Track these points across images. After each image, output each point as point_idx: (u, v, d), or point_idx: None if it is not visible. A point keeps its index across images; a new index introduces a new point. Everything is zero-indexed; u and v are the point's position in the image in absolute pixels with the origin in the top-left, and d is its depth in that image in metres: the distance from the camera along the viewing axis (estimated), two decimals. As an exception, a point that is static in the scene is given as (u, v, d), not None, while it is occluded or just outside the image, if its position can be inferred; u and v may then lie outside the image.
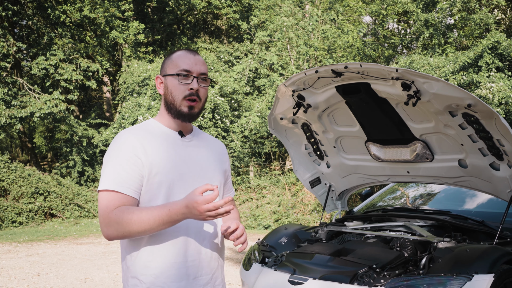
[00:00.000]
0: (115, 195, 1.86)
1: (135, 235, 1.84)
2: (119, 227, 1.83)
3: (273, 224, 12.12)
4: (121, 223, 1.82)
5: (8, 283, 6.48)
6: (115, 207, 1.85)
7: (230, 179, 2.25)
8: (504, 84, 11.29)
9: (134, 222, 1.81)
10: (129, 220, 1.81)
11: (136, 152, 1.90)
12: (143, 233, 1.84)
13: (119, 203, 1.86)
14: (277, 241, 4.09)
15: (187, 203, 1.80)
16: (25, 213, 12.66)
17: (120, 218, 1.82)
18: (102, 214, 1.86)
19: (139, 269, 1.92)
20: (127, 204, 1.87)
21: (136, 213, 1.82)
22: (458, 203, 4.64)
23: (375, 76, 3.22)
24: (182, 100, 1.98)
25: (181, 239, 1.92)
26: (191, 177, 1.99)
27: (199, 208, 1.77)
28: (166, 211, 1.82)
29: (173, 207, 1.82)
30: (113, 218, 1.83)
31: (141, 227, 1.81)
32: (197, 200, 1.78)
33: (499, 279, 2.94)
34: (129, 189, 1.88)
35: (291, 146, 4.30)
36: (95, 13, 15.52)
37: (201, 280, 1.97)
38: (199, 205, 1.77)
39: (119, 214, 1.83)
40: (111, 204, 1.85)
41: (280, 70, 15.34)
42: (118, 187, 1.86)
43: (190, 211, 1.80)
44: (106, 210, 1.85)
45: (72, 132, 15.75)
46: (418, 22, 14.33)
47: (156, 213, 1.82)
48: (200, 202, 1.77)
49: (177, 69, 1.99)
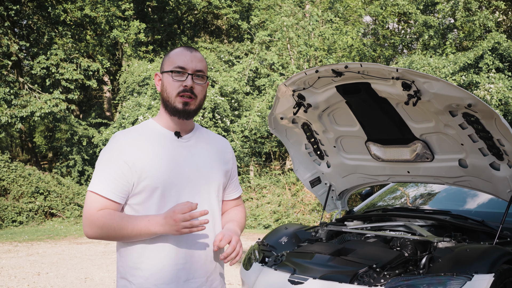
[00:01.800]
0: (99, 198, 1.91)
1: (114, 240, 1.91)
2: (99, 230, 1.89)
3: (273, 223, 12.12)
4: (102, 227, 1.88)
5: (8, 283, 6.49)
6: (97, 210, 1.89)
7: (235, 178, 2.22)
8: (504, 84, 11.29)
9: (114, 228, 1.87)
10: (110, 226, 1.87)
11: (125, 157, 1.91)
12: (121, 239, 1.91)
13: (101, 206, 1.90)
14: (277, 240, 4.09)
15: (166, 214, 1.84)
16: (25, 212, 12.66)
17: (101, 222, 1.87)
18: (85, 213, 1.92)
19: (128, 270, 1.93)
20: (109, 207, 1.91)
21: (117, 219, 1.87)
22: (458, 203, 4.64)
23: (376, 76, 3.22)
24: (176, 96, 1.97)
25: (172, 242, 1.91)
26: (186, 179, 1.97)
27: (174, 218, 1.80)
28: (145, 222, 1.86)
29: (152, 218, 1.86)
30: (95, 220, 1.88)
31: (120, 233, 1.87)
32: (174, 209, 1.81)
33: (499, 279, 2.94)
34: (112, 193, 1.90)
35: (291, 145, 4.30)
36: (95, 12, 15.52)
37: (193, 283, 1.95)
38: (175, 214, 1.80)
39: (101, 218, 1.88)
40: (94, 205, 1.90)
41: (280, 70, 15.34)
42: (103, 191, 1.90)
43: (167, 222, 1.82)
44: (89, 211, 1.90)
45: (73, 132, 15.76)
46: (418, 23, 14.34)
47: (135, 222, 1.86)
48: (176, 211, 1.80)
49: (172, 66, 1.98)
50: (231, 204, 2.23)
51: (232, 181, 2.20)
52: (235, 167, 2.23)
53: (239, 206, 2.25)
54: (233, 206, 2.23)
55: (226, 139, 2.24)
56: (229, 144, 2.23)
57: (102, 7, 15.60)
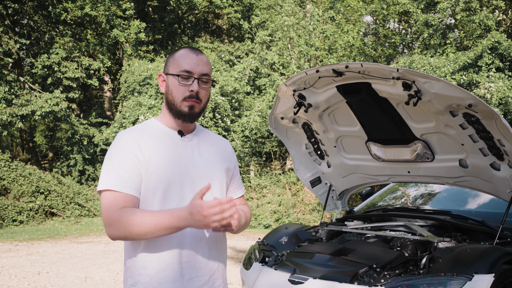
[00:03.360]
0: (117, 194, 1.86)
1: (136, 237, 1.83)
2: (121, 228, 1.82)
3: (273, 223, 12.12)
4: (123, 223, 1.82)
5: (8, 282, 6.49)
6: (118, 207, 1.85)
7: (237, 178, 2.21)
8: (504, 84, 11.29)
9: (135, 224, 1.81)
10: (131, 222, 1.81)
11: (134, 151, 1.90)
12: (144, 236, 1.83)
13: (122, 202, 1.85)
14: (277, 240, 4.09)
15: (191, 209, 1.76)
16: (26, 211, 12.67)
17: (122, 219, 1.82)
18: (105, 213, 1.86)
19: (136, 269, 1.93)
20: (129, 202, 1.87)
21: (139, 215, 1.82)
22: (458, 203, 4.64)
23: (376, 76, 3.22)
24: (182, 101, 1.96)
25: (176, 240, 1.91)
26: (189, 177, 1.97)
27: (204, 213, 1.73)
28: (168, 216, 1.80)
29: (176, 212, 1.80)
30: (116, 218, 1.83)
31: (142, 229, 1.80)
32: (201, 205, 1.74)
33: (499, 279, 2.94)
34: (130, 188, 1.88)
35: (292, 145, 4.30)
36: (96, 11, 15.51)
37: (197, 281, 1.95)
38: (204, 209, 1.73)
39: (122, 215, 1.82)
40: (113, 203, 1.85)
41: (281, 70, 15.34)
42: (119, 187, 1.86)
43: (193, 217, 1.76)
44: (109, 210, 1.85)
45: (73, 131, 15.76)
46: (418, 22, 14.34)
47: (159, 216, 1.81)
48: (205, 206, 1.73)
49: (178, 69, 1.97)
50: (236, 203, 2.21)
51: (234, 180, 2.19)
52: (237, 166, 2.22)
53: (244, 205, 2.24)
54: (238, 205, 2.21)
55: (227, 140, 2.23)
56: (230, 144, 2.22)
57: (103, 6, 15.60)
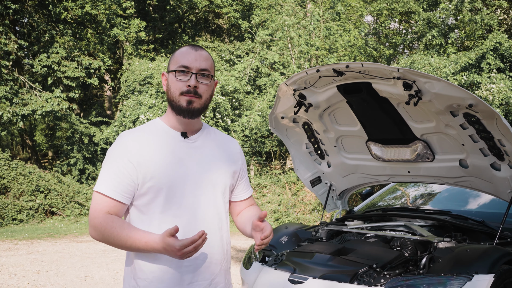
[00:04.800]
0: (105, 199, 1.90)
1: (114, 247, 1.91)
2: (101, 235, 1.89)
3: (273, 223, 12.12)
4: (103, 233, 1.88)
5: (8, 281, 6.49)
6: (102, 212, 1.89)
7: (244, 179, 2.18)
8: (505, 85, 11.28)
9: (114, 237, 1.87)
10: (110, 234, 1.87)
11: (131, 157, 1.90)
12: (121, 248, 1.91)
13: (107, 207, 1.89)
14: (277, 240, 4.09)
15: (165, 246, 1.80)
16: (26, 210, 12.67)
17: (104, 228, 1.88)
18: (91, 214, 1.92)
19: (136, 272, 1.93)
20: (114, 208, 1.90)
21: (118, 230, 1.86)
22: (458, 203, 4.64)
23: (377, 76, 3.22)
24: (179, 95, 1.95)
25: None
26: (191, 181, 1.95)
27: (178, 253, 1.79)
28: (143, 243, 1.85)
29: (149, 242, 1.83)
30: (97, 225, 1.88)
31: (118, 244, 1.88)
32: (175, 245, 1.77)
33: (499, 279, 2.94)
34: (119, 194, 1.89)
35: (292, 145, 4.30)
36: (96, 10, 15.51)
37: (197, 286, 1.94)
38: (178, 250, 1.78)
39: (104, 224, 1.87)
40: (99, 207, 1.90)
41: (281, 69, 15.34)
42: (109, 192, 1.89)
43: (167, 249, 1.81)
44: (94, 213, 1.90)
45: (73, 130, 15.76)
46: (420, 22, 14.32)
47: (134, 239, 1.85)
48: (178, 247, 1.77)
49: (176, 65, 1.96)
50: (244, 204, 2.19)
51: (241, 182, 2.16)
52: (245, 167, 2.19)
53: (252, 205, 2.21)
54: (247, 206, 2.19)
55: (235, 140, 2.20)
56: (238, 145, 2.19)
57: (103, 5, 15.59)
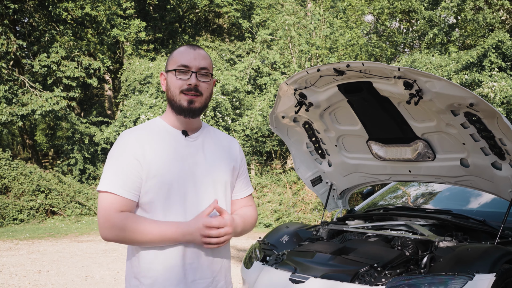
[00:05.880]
0: (114, 197, 1.87)
1: (136, 244, 1.89)
2: (121, 233, 1.85)
3: (274, 222, 12.12)
4: (124, 229, 1.84)
5: (9, 280, 6.50)
6: (116, 211, 1.85)
7: (244, 176, 2.18)
8: (506, 83, 11.27)
9: (138, 232, 1.84)
10: (134, 229, 1.84)
11: (135, 154, 1.89)
12: (144, 244, 1.88)
13: (120, 206, 1.86)
14: (278, 239, 4.09)
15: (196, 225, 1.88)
16: (26, 210, 12.67)
17: (124, 225, 1.84)
18: (103, 215, 1.86)
19: (140, 271, 1.92)
20: (126, 207, 1.87)
21: (143, 223, 1.85)
22: (459, 203, 4.63)
23: (377, 75, 3.22)
24: (179, 94, 1.95)
25: (180, 243, 1.90)
26: (192, 177, 1.96)
27: (202, 233, 1.87)
28: (174, 229, 1.87)
29: (181, 226, 1.88)
30: (117, 223, 1.84)
31: (144, 238, 1.85)
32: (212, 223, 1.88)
33: (500, 279, 2.93)
34: (128, 192, 1.88)
35: (293, 144, 4.30)
36: (96, 11, 15.51)
37: (200, 284, 1.95)
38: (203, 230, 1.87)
39: (124, 221, 1.84)
40: (112, 207, 1.86)
41: (282, 69, 15.33)
42: (118, 190, 1.87)
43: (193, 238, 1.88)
44: (107, 213, 1.86)
45: (74, 130, 15.76)
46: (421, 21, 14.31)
47: (163, 228, 1.86)
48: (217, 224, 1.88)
49: (176, 64, 1.97)
50: (241, 203, 2.17)
51: (241, 180, 2.16)
52: (244, 165, 2.19)
53: (249, 206, 2.19)
54: (243, 206, 2.18)
55: (234, 138, 2.21)
56: (237, 143, 2.20)
57: (103, 6, 15.59)
